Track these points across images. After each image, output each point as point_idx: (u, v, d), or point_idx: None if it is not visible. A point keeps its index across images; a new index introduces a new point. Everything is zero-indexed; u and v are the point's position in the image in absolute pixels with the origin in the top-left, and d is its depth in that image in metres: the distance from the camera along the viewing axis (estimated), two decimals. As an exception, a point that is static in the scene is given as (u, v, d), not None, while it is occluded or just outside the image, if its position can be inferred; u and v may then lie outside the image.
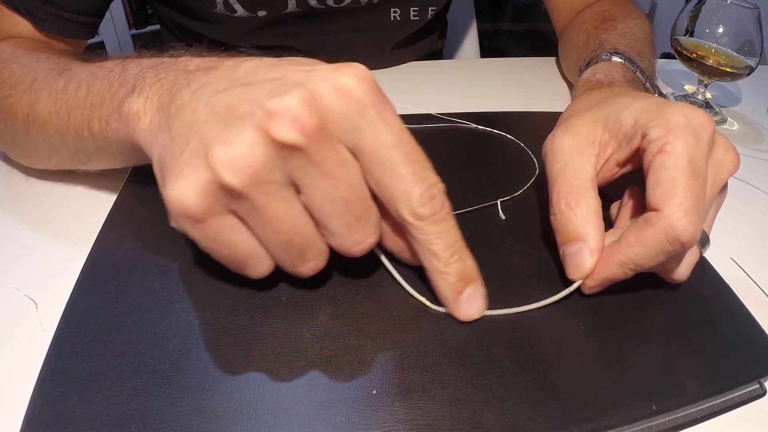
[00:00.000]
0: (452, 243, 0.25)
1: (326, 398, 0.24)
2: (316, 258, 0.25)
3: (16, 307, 0.29)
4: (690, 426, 0.25)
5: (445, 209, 0.24)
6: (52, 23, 0.43)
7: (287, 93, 0.21)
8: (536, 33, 2.35)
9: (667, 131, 0.27)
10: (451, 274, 0.25)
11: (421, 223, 0.24)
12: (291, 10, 0.55)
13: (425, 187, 0.23)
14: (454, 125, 0.45)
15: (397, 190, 0.23)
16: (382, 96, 0.23)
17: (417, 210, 0.23)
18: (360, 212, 0.23)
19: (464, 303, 0.26)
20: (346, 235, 0.24)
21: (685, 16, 0.53)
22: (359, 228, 0.24)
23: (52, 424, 0.22)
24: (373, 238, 0.24)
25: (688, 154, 0.26)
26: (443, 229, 0.24)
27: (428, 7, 0.61)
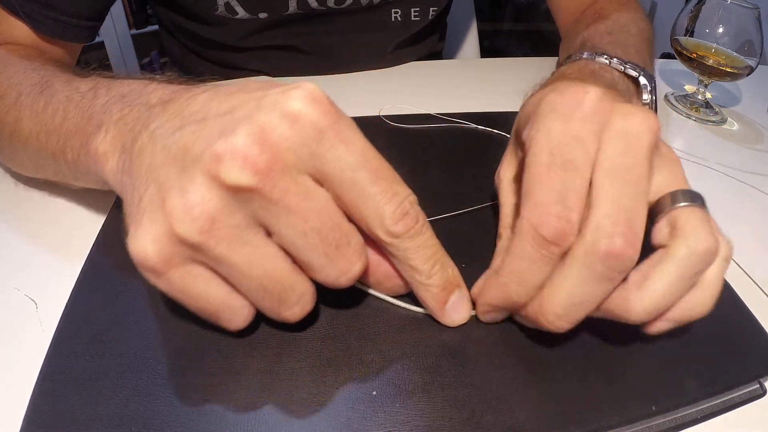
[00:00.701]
0: (431, 254, 0.24)
1: (326, 399, 0.24)
2: (298, 302, 0.23)
3: (16, 307, 0.29)
4: (690, 426, 0.25)
5: (419, 222, 0.23)
6: (51, 27, 0.43)
7: (235, 131, 0.20)
8: (536, 33, 2.35)
9: (531, 126, 0.25)
10: (433, 285, 0.25)
11: (397, 241, 0.23)
12: (292, 12, 0.55)
13: (396, 203, 0.22)
14: (454, 125, 0.45)
15: (367, 210, 0.22)
16: (337, 115, 0.22)
17: (391, 228, 0.22)
18: (337, 240, 0.22)
19: (450, 311, 0.26)
20: (328, 267, 0.22)
21: (685, 16, 0.53)
22: (340, 257, 0.22)
23: (52, 424, 0.22)
24: (358, 265, 0.23)
25: (550, 142, 0.24)
26: (420, 242, 0.23)
27: (429, 8, 0.61)
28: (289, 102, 0.21)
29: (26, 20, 0.42)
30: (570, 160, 0.23)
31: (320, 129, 0.21)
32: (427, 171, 0.39)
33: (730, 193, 0.42)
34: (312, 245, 0.22)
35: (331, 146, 0.21)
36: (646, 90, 0.37)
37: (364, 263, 0.23)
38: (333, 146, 0.21)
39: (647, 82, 0.37)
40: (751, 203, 0.41)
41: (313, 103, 0.21)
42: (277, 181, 0.20)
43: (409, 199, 0.23)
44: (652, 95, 0.37)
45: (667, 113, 0.54)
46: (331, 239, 0.22)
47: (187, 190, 0.20)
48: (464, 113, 0.46)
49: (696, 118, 0.53)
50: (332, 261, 0.22)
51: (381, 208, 0.22)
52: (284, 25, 0.57)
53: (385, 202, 0.22)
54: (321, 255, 0.22)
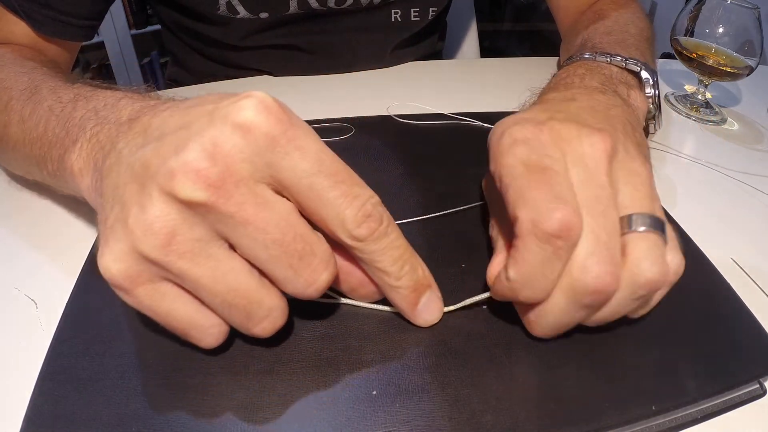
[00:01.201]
0: (399, 255, 0.24)
1: (326, 399, 0.24)
2: (267, 317, 0.22)
3: (16, 307, 0.29)
4: (690, 426, 0.25)
5: (383, 223, 0.22)
6: (50, 26, 0.43)
7: (187, 146, 0.20)
8: (536, 33, 2.35)
9: (496, 159, 0.26)
10: (403, 287, 0.24)
11: (362, 244, 0.22)
12: (293, 12, 0.55)
13: (357, 206, 0.22)
14: (460, 124, 0.45)
15: (329, 216, 0.22)
16: (290, 121, 0.21)
17: (354, 232, 0.22)
18: (300, 251, 0.21)
19: (422, 311, 0.26)
20: (294, 278, 0.22)
21: (685, 16, 0.53)
22: (305, 268, 0.21)
23: (52, 424, 0.22)
24: (325, 274, 0.22)
25: (521, 159, 0.24)
26: (386, 244, 0.23)
27: (429, 8, 0.61)
28: (239, 113, 0.20)
29: (25, 19, 0.43)
30: (548, 167, 0.24)
31: (272, 137, 0.20)
32: (434, 168, 0.39)
33: (730, 193, 0.42)
34: (274, 257, 0.21)
35: (285, 154, 0.21)
36: (648, 84, 0.37)
37: (331, 272, 0.22)
38: (287, 154, 0.21)
39: (649, 76, 0.37)
40: (751, 203, 0.41)
41: (264, 111, 0.21)
42: (232, 194, 0.20)
43: (371, 200, 0.22)
44: (655, 89, 0.37)
45: (667, 113, 0.54)
46: (293, 250, 0.21)
47: (145, 207, 0.20)
48: (464, 113, 0.46)
49: (696, 118, 0.53)
50: (297, 272, 0.21)
51: (342, 213, 0.21)
52: (285, 25, 0.57)
53: (346, 205, 0.21)
54: (285, 266, 0.21)
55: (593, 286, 0.23)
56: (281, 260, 0.21)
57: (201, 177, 0.20)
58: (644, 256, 0.23)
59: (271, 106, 0.21)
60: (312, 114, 0.45)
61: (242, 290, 0.22)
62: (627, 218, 0.24)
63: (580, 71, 0.36)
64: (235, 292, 0.21)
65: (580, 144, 0.25)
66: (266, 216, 0.21)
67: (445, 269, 0.30)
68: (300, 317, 0.27)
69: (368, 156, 0.40)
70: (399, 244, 0.24)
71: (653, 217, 0.24)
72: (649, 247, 0.24)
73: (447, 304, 0.28)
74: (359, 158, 0.40)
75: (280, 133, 0.21)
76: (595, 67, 0.36)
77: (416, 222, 0.34)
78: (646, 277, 0.23)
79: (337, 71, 0.57)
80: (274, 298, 0.22)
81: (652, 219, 0.24)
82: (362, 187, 0.22)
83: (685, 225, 0.35)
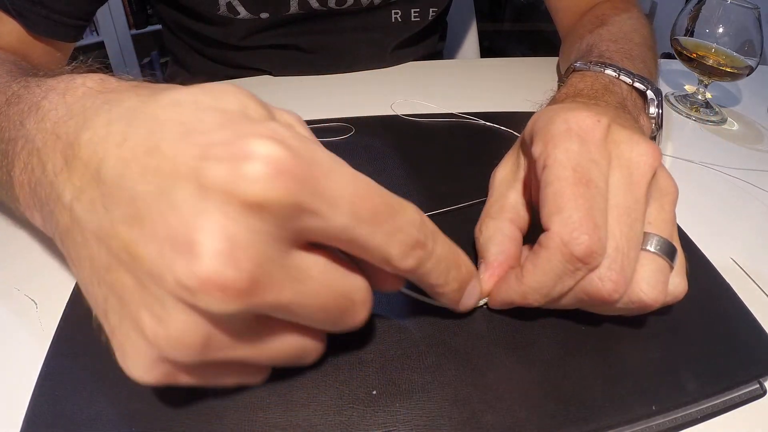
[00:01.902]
0: (445, 266, 0.22)
1: (326, 398, 0.24)
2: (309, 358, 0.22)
3: (16, 307, 0.29)
4: (690, 426, 0.25)
5: (428, 246, 0.21)
6: (42, 25, 0.43)
7: (194, 247, 0.16)
8: (536, 33, 2.35)
9: (546, 143, 0.25)
10: (450, 290, 0.24)
11: (412, 272, 0.21)
12: (293, 12, 0.55)
13: (401, 242, 0.19)
14: (457, 123, 0.45)
15: (373, 258, 0.20)
16: (310, 168, 0.17)
17: (402, 267, 0.20)
18: (343, 306, 0.20)
19: (464, 302, 0.26)
20: (339, 328, 0.21)
21: (685, 16, 0.53)
22: (347, 317, 0.20)
23: (52, 424, 0.22)
24: (364, 314, 0.21)
25: (571, 161, 0.24)
26: (433, 263, 0.21)
27: (429, 9, 0.62)
28: (246, 188, 0.16)
29: (17, 17, 0.42)
30: (592, 180, 0.24)
31: (296, 204, 0.17)
32: (435, 168, 0.39)
33: (730, 193, 0.42)
34: (319, 321, 0.20)
35: (314, 215, 0.17)
36: (653, 104, 0.38)
37: (369, 309, 0.21)
38: (317, 215, 0.17)
39: (654, 96, 0.38)
40: (752, 203, 0.41)
41: (278, 177, 0.16)
42: (268, 287, 0.17)
43: (414, 224, 0.20)
44: (659, 109, 0.38)
45: (667, 113, 0.54)
46: (336, 310, 0.20)
47: (163, 319, 0.17)
48: (473, 112, 0.46)
49: (696, 118, 0.53)
50: (341, 325, 0.21)
51: (386, 253, 0.19)
52: (285, 25, 0.57)
53: (389, 245, 0.19)
54: (327, 323, 0.20)
55: (594, 291, 0.24)
56: (326, 322, 0.20)
57: (230, 289, 0.16)
58: (646, 278, 0.25)
59: (282, 163, 0.16)
60: (312, 114, 0.45)
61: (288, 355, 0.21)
62: (646, 235, 0.25)
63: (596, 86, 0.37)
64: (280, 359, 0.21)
65: (630, 150, 0.26)
66: (304, 289, 0.18)
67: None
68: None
69: (368, 156, 0.40)
70: (445, 255, 0.22)
71: (668, 243, 0.25)
72: (653, 270, 0.25)
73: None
74: (359, 158, 0.40)
75: (304, 194, 0.17)
76: (608, 83, 0.37)
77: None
78: (640, 298, 0.25)
79: (338, 71, 0.57)
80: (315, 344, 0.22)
81: (666, 244, 0.25)
82: (402, 213, 0.19)
83: (685, 225, 0.35)
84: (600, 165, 0.25)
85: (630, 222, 0.24)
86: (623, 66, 0.38)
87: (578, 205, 0.23)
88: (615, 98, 0.35)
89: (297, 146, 0.17)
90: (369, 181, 0.19)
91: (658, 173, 0.26)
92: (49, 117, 0.19)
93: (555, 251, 0.23)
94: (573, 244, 0.23)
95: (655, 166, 0.26)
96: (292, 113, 0.22)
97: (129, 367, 0.18)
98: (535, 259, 0.24)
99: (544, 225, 0.24)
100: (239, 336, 0.18)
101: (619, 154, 0.26)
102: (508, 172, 0.31)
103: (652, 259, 0.25)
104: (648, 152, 0.26)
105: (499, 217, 0.29)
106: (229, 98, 0.18)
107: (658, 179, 0.26)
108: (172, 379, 0.19)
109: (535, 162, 0.26)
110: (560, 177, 0.24)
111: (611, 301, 0.24)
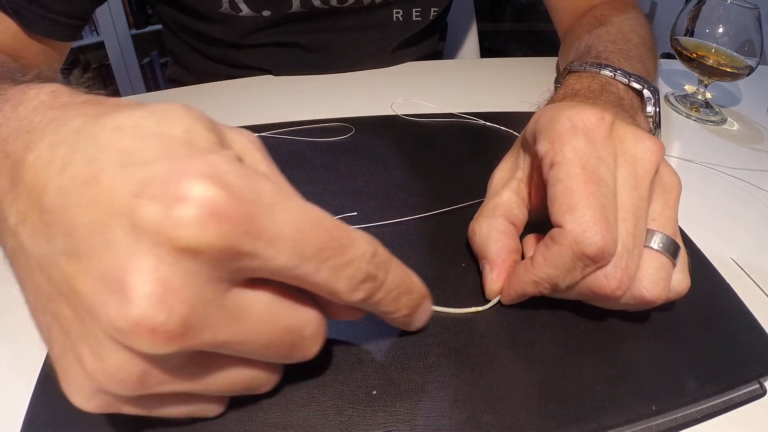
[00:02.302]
0: (396, 295, 0.21)
1: (326, 398, 0.24)
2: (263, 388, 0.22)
3: (16, 307, 0.29)
4: (690, 426, 0.25)
5: (378, 278, 0.20)
6: (39, 24, 0.43)
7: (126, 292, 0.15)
8: (536, 33, 2.35)
9: (553, 141, 0.26)
10: (401, 316, 0.23)
11: (362, 303, 0.20)
12: (295, 10, 0.55)
13: (350, 276, 0.19)
14: (457, 122, 0.45)
15: (323, 292, 0.19)
16: (247, 210, 0.16)
17: (351, 300, 0.19)
18: (290, 342, 0.19)
19: (415, 323, 0.24)
20: (290, 361, 0.21)
21: (685, 16, 0.53)
22: (297, 351, 0.20)
23: (52, 424, 0.22)
24: (316, 347, 0.21)
25: (580, 159, 0.24)
26: (384, 293, 0.21)
27: (430, 8, 0.62)
28: (178, 232, 0.15)
29: (13, 16, 0.42)
30: (602, 179, 0.24)
31: (231, 248, 0.16)
32: (434, 167, 0.39)
33: (730, 193, 0.42)
34: (263, 356, 0.20)
35: (254, 258, 0.17)
36: (649, 102, 0.38)
37: (322, 341, 0.21)
38: (257, 257, 0.17)
39: (651, 95, 0.38)
40: (751, 203, 0.41)
41: (211, 221, 0.15)
42: (202, 329, 0.16)
43: (365, 258, 0.19)
44: (656, 107, 0.38)
45: (667, 113, 0.54)
46: (282, 345, 0.19)
47: (100, 355, 0.17)
48: (472, 112, 0.46)
49: (696, 118, 0.53)
50: (288, 358, 0.20)
51: (333, 287, 0.19)
52: (287, 23, 0.57)
53: (336, 280, 0.18)
54: (275, 358, 0.20)
55: (598, 287, 0.24)
56: (271, 357, 0.20)
57: (159, 335, 0.16)
58: (649, 275, 0.25)
59: (218, 205, 0.15)
60: (312, 114, 0.45)
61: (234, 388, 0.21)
62: (649, 232, 0.26)
63: (593, 86, 0.37)
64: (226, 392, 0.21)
65: (635, 147, 0.26)
66: (245, 327, 0.18)
67: (445, 269, 0.30)
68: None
69: (368, 156, 0.40)
70: (396, 283, 0.21)
71: (672, 240, 0.26)
72: (656, 268, 0.25)
73: (448, 304, 0.28)
74: (359, 158, 0.40)
75: (243, 235, 0.16)
76: (604, 83, 0.37)
77: (416, 221, 0.34)
78: (642, 294, 0.25)
79: (338, 70, 0.57)
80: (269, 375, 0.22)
81: (669, 242, 0.26)
82: (352, 247, 0.18)
83: (685, 225, 0.35)
84: (607, 162, 0.25)
85: (635, 220, 0.25)
86: (620, 66, 0.39)
87: (590, 204, 0.24)
88: (612, 98, 0.35)
89: (236, 184, 0.16)
90: (319, 215, 0.18)
91: (662, 168, 0.27)
92: (1, 131, 0.19)
93: (567, 248, 0.24)
94: (586, 243, 0.23)
95: (658, 161, 0.26)
96: (246, 134, 0.20)
97: (71, 395, 0.18)
98: (546, 252, 0.25)
99: (556, 222, 0.24)
100: (179, 371, 0.18)
101: (624, 150, 0.26)
102: (505, 172, 0.31)
103: (655, 257, 0.25)
104: (652, 148, 0.26)
105: (492, 215, 0.29)
106: (173, 123, 0.17)
107: (662, 175, 0.27)
108: (114, 408, 0.19)
109: (541, 160, 0.26)
110: (570, 175, 0.24)
111: (614, 297, 0.24)
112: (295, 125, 0.43)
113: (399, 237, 0.33)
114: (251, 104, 0.50)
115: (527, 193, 0.30)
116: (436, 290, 0.29)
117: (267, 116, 0.43)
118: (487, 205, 0.30)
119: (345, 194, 0.36)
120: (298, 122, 0.44)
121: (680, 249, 0.26)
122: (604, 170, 0.25)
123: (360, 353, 0.26)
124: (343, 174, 0.38)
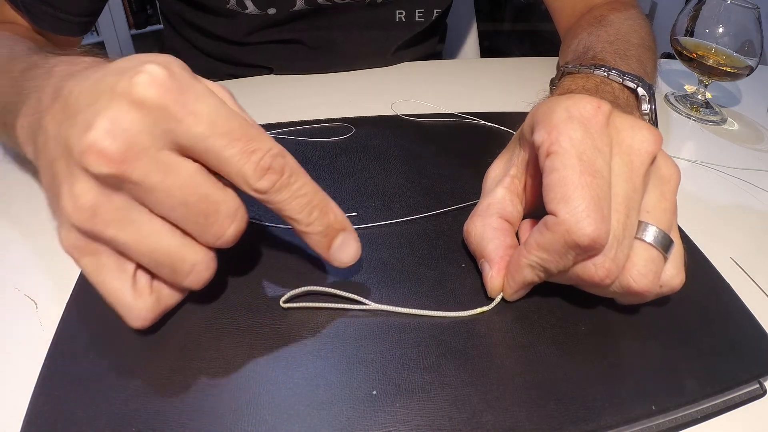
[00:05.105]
0: (306, 202, 0.24)
1: (326, 398, 0.24)
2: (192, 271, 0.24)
3: (16, 307, 0.29)
4: (690, 426, 0.25)
5: (285, 174, 0.23)
6: (48, 22, 0.46)
7: (92, 126, 0.21)
8: (536, 33, 2.35)
9: (549, 131, 0.26)
10: (314, 232, 0.25)
11: (265, 196, 0.23)
12: (299, 8, 0.56)
13: (255, 161, 0.23)
14: (457, 122, 0.45)
15: (231, 173, 0.23)
16: (180, 89, 0.22)
17: (255, 186, 0.23)
18: (205, 210, 0.23)
19: (335, 253, 0.26)
20: (203, 233, 0.23)
21: (685, 16, 0.53)
22: (212, 224, 0.23)
23: (52, 424, 0.22)
24: (231, 228, 0.24)
25: (576, 149, 0.25)
26: (290, 193, 0.24)
27: (433, 9, 0.62)
28: (133, 89, 0.22)
29: (24, 13, 0.45)
30: (598, 170, 0.24)
31: (164, 108, 0.22)
32: (434, 167, 0.39)
33: (730, 193, 0.42)
34: (183, 216, 0.23)
35: (179, 122, 0.22)
36: (644, 100, 0.38)
37: (238, 226, 0.24)
38: (180, 121, 0.22)
39: (645, 92, 0.38)
40: (751, 203, 0.41)
41: (153, 85, 0.22)
42: (136, 165, 0.21)
43: (270, 153, 0.23)
44: (651, 104, 0.38)
45: (667, 113, 0.54)
46: (198, 210, 0.23)
47: (72, 185, 0.22)
48: (472, 112, 0.46)
49: (696, 118, 0.53)
50: (205, 228, 0.23)
51: (242, 169, 0.22)
52: (291, 21, 0.57)
53: (243, 162, 0.22)
54: (193, 224, 0.23)
55: (588, 276, 0.25)
56: (189, 219, 0.23)
57: (104, 154, 0.21)
58: (637, 266, 0.25)
59: (160, 78, 0.22)
60: (312, 114, 0.45)
61: (164, 249, 0.23)
62: (642, 224, 0.26)
63: (588, 86, 0.37)
64: (157, 252, 0.23)
65: (632, 137, 0.26)
66: (170, 181, 0.22)
67: (445, 269, 0.30)
68: (299, 318, 0.27)
69: (368, 155, 0.40)
70: (305, 192, 0.24)
71: (664, 234, 0.26)
72: (646, 260, 0.25)
73: (448, 304, 0.28)
74: (359, 158, 0.40)
75: (172, 102, 0.22)
76: (599, 83, 0.37)
77: (416, 221, 0.34)
78: (630, 285, 0.25)
79: (339, 68, 0.57)
80: (197, 254, 0.24)
81: (661, 235, 0.26)
82: (260, 141, 0.23)
83: (685, 225, 0.35)
84: (603, 153, 0.25)
85: (627, 211, 0.25)
86: (615, 66, 0.39)
87: (584, 195, 0.24)
88: (607, 96, 0.36)
89: (178, 74, 0.23)
90: (233, 112, 0.23)
91: (660, 159, 0.27)
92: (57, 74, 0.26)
93: (560, 237, 0.24)
94: (578, 234, 0.23)
95: (654, 152, 0.26)
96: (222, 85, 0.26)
97: (59, 235, 0.23)
98: (540, 238, 0.25)
99: (551, 210, 0.24)
100: (121, 213, 0.22)
101: (620, 140, 0.26)
102: (499, 170, 0.32)
103: (646, 249, 0.25)
104: (648, 138, 0.26)
105: (486, 213, 0.29)
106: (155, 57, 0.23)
107: (660, 166, 0.27)
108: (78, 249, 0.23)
109: (537, 149, 0.26)
110: (566, 165, 0.24)
111: (603, 285, 0.25)
112: (295, 125, 0.43)
113: (399, 237, 0.33)
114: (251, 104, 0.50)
115: (522, 188, 0.30)
116: (436, 290, 0.29)
117: (267, 116, 0.43)
118: (481, 204, 0.30)
119: (345, 194, 0.36)
120: (298, 122, 0.44)
121: (673, 243, 0.26)
122: (600, 161, 0.25)
123: (360, 353, 0.26)
124: (343, 174, 0.38)
